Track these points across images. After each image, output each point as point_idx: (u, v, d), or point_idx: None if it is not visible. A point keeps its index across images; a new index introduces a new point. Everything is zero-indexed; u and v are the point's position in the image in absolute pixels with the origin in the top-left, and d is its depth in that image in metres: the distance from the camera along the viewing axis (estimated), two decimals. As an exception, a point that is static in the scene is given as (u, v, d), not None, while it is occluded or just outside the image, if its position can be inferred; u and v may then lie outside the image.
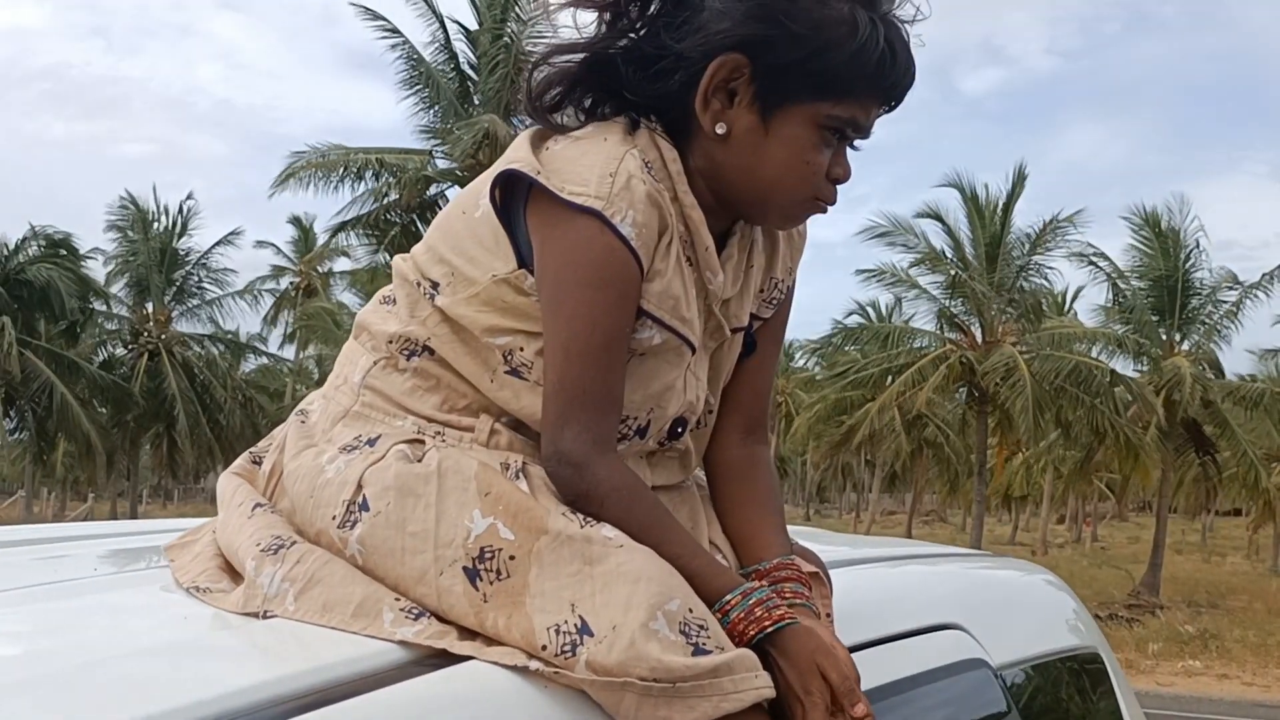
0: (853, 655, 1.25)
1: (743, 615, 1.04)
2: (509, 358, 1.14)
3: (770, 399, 1.33)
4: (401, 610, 1.00)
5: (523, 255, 1.13)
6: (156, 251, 33.90)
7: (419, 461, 1.09)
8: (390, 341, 1.19)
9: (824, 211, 1.21)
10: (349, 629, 0.98)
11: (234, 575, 1.11)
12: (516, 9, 22.31)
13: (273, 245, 45.81)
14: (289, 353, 45.86)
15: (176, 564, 1.17)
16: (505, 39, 22.31)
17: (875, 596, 1.54)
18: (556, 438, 1.08)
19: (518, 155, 1.14)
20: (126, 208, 33.85)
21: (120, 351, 35.17)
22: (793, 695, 1.02)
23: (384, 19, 21.76)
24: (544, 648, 0.95)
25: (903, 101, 1.18)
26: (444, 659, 0.94)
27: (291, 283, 45.74)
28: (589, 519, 1.04)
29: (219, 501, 1.21)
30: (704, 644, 0.97)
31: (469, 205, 1.19)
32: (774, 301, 1.31)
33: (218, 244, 35.29)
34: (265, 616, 1.01)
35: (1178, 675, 15.56)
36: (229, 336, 39.08)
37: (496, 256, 1.14)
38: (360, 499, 1.07)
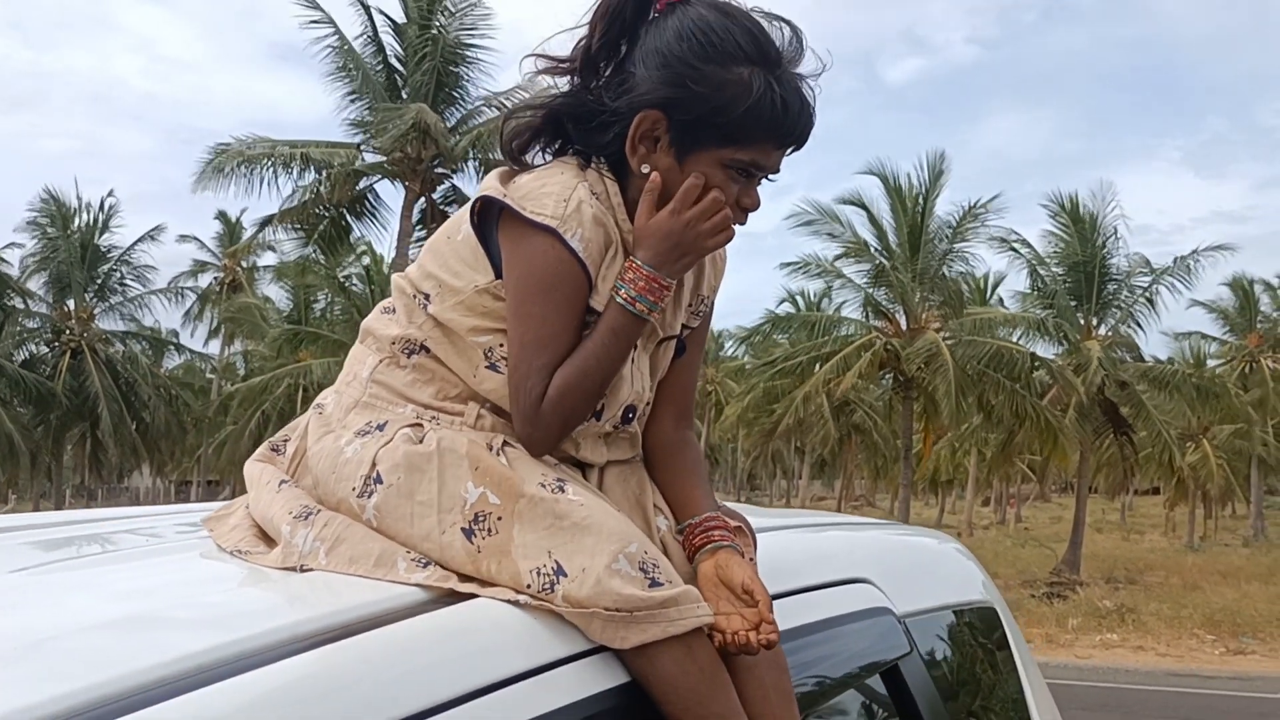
0: (775, 603, 1.51)
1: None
2: (489, 354, 1.39)
3: (696, 392, 1.59)
4: (412, 560, 1.24)
5: (499, 269, 1.38)
6: (77, 248, 33.36)
7: (420, 442, 1.32)
8: (393, 343, 1.43)
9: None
10: (372, 576, 1.22)
11: (268, 541, 1.33)
12: (444, 2, 22.32)
13: (196, 240, 45.27)
14: (214, 349, 45.37)
15: (216, 533, 1.39)
16: (433, 31, 22.30)
17: (796, 555, 1.79)
18: (515, 407, 1.35)
19: (490, 185, 1.40)
20: (47, 203, 33.25)
21: (42, 350, 34.56)
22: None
23: (317, 5, 21.64)
24: (528, 586, 1.20)
25: (805, 142, 1.43)
26: (451, 598, 1.18)
27: (216, 278, 45.21)
28: (557, 485, 1.29)
29: (248, 483, 1.44)
30: (658, 578, 1.22)
31: (452, 231, 1.44)
32: (700, 313, 1.57)
33: (140, 240, 34.84)
34: (302, 570, 1.24)
35: (1095, 648, 16.14)
36: (151, 333, 38.55)
37: (477, 270, 1.39)
38: (375, 474, 1.31)
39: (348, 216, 23.40)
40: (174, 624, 1.02)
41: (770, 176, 1.44)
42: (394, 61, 22.82)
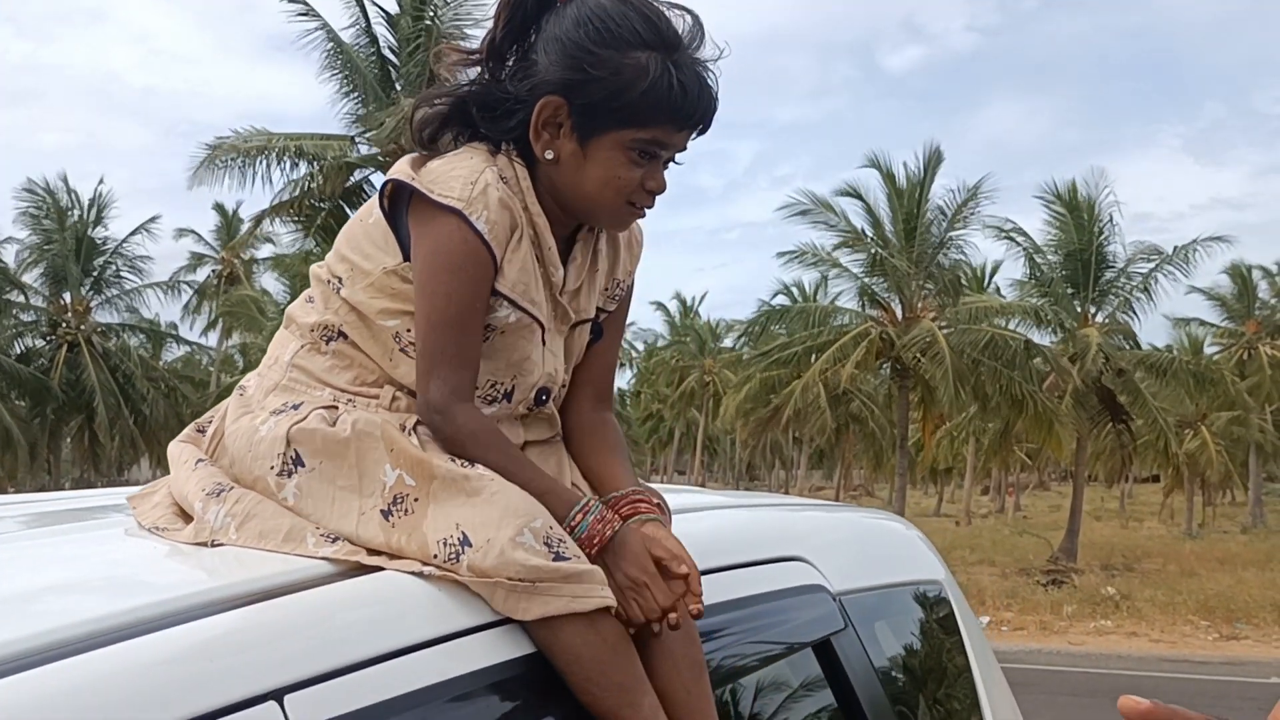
0: (707, 578, 1.54)
1: (597, 518, 1.33)
2: (398, 339, 1.42)
3: (615, 374, 1.63)
4: (321, 535, 1.27)
5: (408, 252, 1.42)
6: (72, 240, 33.34)
7: (334, 425, 1.35)
8: (313, 330, 1.46)
9: (643, 215, 1.49)
10: (281, 550, 1.25)
11: (186, 519, 1.36)
12: (437, -9, 22.26)
13: (194, 233, 45.23)
14: (212, 341, 45.36)
15: (139, 511, 1.42)
16: (426, 21, 22.25)
17: (730, 533, 1.83)
18: (424, 390, 1.38)
19: (400, 169, 1.43)
20: (37, 194, 33.20)
21: (38, 343, 34.59)
22: (628, 596, 1.29)
23: (305, 2, 21.61)
24: (435, 556, 1.23)
25: (710, 124, 1.46)
26: (360, 570, 1.22)
27: (214, 270, 45.19)
28: (468, 461, 1.32)
29: (171, 463, 1.47)
30: (564, 553, 1.25)
31: (365, 215, 1.48)
32: (616, 297, 1.61)
33: (135, 232, 34.81)
34: (214, 545, 1.28)
35: (1089, 634, 16.22)
36: (150, 325, 38.56)
37: (386, 253, 1.43)
38: (294, 454, 1.33)
39: (346, 208, 23.37)
40: (74, 592, 1.06)
41: (676, 159, 1.47)
42: (387, 53, 22.77)
